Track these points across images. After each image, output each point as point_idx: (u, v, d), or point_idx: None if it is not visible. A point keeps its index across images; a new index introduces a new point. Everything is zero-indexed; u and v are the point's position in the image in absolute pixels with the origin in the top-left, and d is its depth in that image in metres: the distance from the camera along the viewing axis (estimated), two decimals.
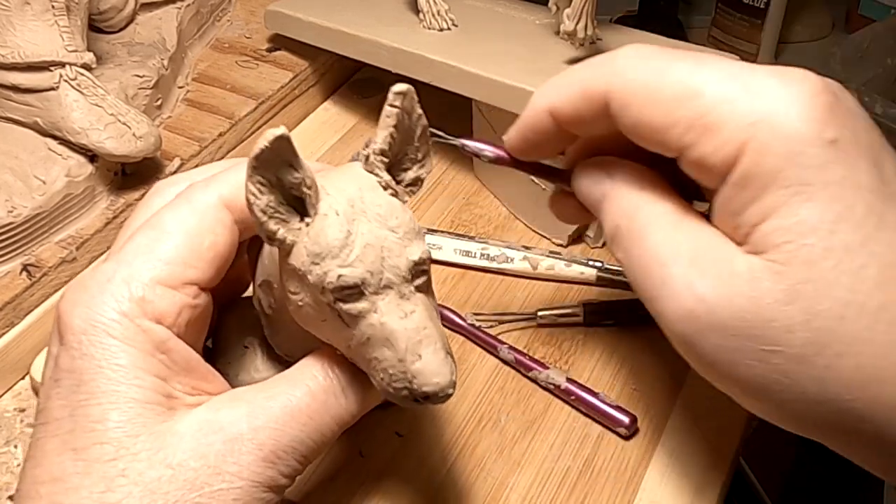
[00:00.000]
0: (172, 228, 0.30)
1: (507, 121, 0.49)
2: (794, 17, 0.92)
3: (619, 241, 0.31)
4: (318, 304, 0.29)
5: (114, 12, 0.55)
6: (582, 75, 0.32)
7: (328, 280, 0.28)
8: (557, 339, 0.45)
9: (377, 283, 0.28)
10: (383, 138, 0.30)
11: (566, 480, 0.39)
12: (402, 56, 0.52)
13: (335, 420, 0.30)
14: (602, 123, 0.31)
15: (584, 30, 0.47)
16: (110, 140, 0.45)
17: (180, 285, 0.30)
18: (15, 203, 0.43)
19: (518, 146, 0.35)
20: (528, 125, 0.34)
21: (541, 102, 0.33)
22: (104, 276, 0.29)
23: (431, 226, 0.51)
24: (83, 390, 0.28)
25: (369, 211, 0.29)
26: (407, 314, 0.28)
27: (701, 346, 0.28)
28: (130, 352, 0.28)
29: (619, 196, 0.32)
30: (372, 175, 0.30)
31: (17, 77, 0.46)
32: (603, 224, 0.33)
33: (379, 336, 0.28)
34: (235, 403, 0.29)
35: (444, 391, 0.28)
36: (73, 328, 0.28)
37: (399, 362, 0.28)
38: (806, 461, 0.83)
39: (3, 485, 0.39)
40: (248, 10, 0.64)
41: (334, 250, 0.28)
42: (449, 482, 0.39)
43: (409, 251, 0.29)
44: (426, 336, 0.28)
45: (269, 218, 0.29)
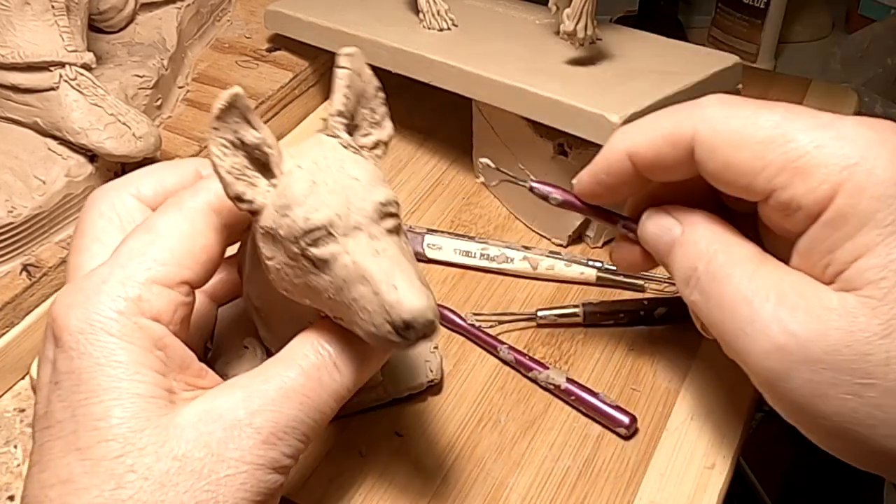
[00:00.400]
0: (166, 232, 0.31)
1: (507, 121, 0.50)
2: (794, 17, 0.92)
3: (696, 282, 0.33)
4: (292, 260, 0.29)
5: (114, 12, 0.55)
6: (666, 121, 0.33)
7: (297, 226, 0.29)
8: (557, 339, 0.45)
9: (346, 225, 0.29)
10: (338, 100, 0.31)
11: (566, 480, 0.39)
12: (402, 56, 0.52)
13: (331, 396, 0.31)
14: (682, 169, 0.33)
15: (584, 30, 0.47)
16: (110, 140, 0.45)
17: (175, 285, 0.30)
18: (15, 203, 0.43)
19: (590, 188, 0.36)
20: (604, 167, 0.35)
21: (620, 145, 0.34)
22: (99, 278, 0.30)
23: (431, 226, 0.51)
24: (83, 389, 0.28)
25: (332, 165, 0.30)
26: (379, 251, 0.29)
27: (790, 381, 0.29)
28: (129, 348, 0.28)
29: (694, 240, 0.33)
30: (333, 137, 0.31)
31: (17, 77, 0.46)
32: (674, 269, 0.34)
33: (354, 276, 0.28)
34: (232, 390, 0.30)
35: (423, 316, 0.28)
36: (70, 329, 0.29)
37: (375, 296, 0.28)
38: (806, 461, 0.83)
39: (3, 485, 0.39)
40: (248, 10, 0.64)
41: (300, 199, 0.29)
42: (449, 482, 0.39)
43: (374, 193, 0.30)
44: (400, 268, 0.28)
45: (235, 179, 0.29)
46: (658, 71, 0.47)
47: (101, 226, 0.33)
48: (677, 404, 0.42)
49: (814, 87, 0.62)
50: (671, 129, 0.33)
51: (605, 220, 0.38)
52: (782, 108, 0.31)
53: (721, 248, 0.32)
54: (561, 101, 0.44)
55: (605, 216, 0.38)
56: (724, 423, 0.41)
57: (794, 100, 0.61)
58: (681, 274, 0.34)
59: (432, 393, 0.42)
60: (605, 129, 0.42)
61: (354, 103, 0.32)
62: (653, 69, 0.47)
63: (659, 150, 0.33)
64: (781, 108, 0.31)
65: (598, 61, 0.49)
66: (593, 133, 0.43)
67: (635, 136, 0.34)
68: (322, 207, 0.29)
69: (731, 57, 0.49)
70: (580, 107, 0.43)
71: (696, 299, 0.33)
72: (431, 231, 0.50)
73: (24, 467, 0.40)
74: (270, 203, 0.30)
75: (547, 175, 0.48)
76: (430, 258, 0.49)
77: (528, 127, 0.48)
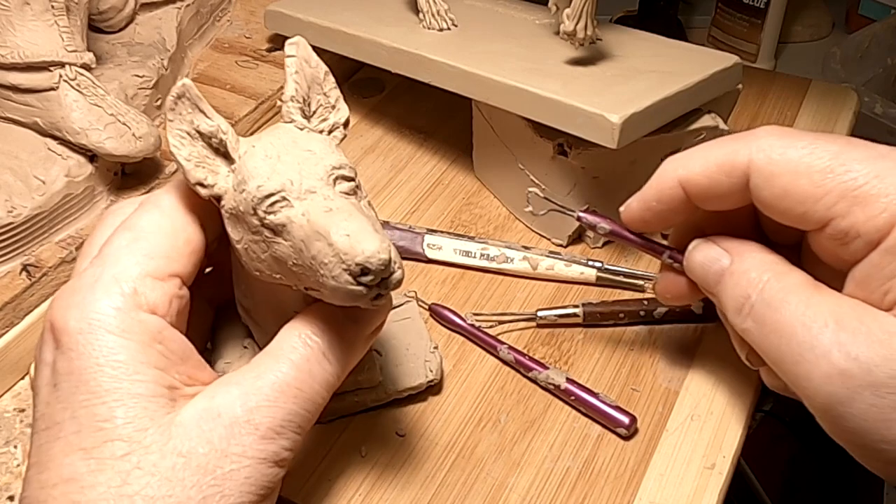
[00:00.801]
0: (148, 228, 0.32)
1: (507, 121, 0.50)
2: (794, 17, 0.92)
3: (750, 310, 0.33)
4: (255, 234, 0.30)
5: (114, 12, 0.55)
6: (720, 150, 0.34)
7: (252, 195, 0.29)
8: (557, 339, 0.45)
9: (299, 189, 0.30)
10: (289, 86, 0.33)
11: (566, 481, 0.39)
12: (402, 56, 0.52)
13: (323, 386, 0.31)
14: (734, 197, 0.34)
15: (584, 30, 0.47)
16: (110, 140, 0.45)
17: (166, 277, 0.31)
18: (15, 203, 0.43)
19: (639, 215, 0.37)
20: (654, 195, 0.36)
21: (672, 173, 0.35)
22: (91, 278, 0.30)
23: (431, 226, 0.51)
24: (84, 390, 0.28)
25: (287, 142, 0.31)
26: (332, 209, 0.29)
27: (852, 406, 0.29)
28: (129, 346, 0.29)
29: (744, 269, 0.34)
30: (289, 123, 0.33)
31: (17, 77, 0.46)
32: (723, 298, 0.35)
33: (310, 233, 0.29)
34: (228, 388, 0.30)
35: (376, 256, 0.28)
36: (69, 330, 0.29)
37: (329, 247, 0.28)
38: (806, 461, 0.83)
39: (3, 485, 0.39)
40: (247, 10, 0.64)
41: (253, 171, 0.30)
42: (449, 482, 0.39)
43: (326, 160, 0.31)
44: (352, 218, 0.29)
45: (194, 166, 0.31)
46: (658, 71, 0.47)
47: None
48: (677, 404, 0.42)
49: (814, 87, 0.62)
50: (726, 157, 0.34)
51: (652, 252, 0.39)
52: (840, 139, 0.32)
53: (774, 276, 0.33)
54: (561, 101, 0.44)
55: (652, 247, 0.39)
56: (724, 423, 0.41)
57: (794, 100, 0.61)
58: (732, 303, 0.34)
59: (432, 393, 0.42)
60: (605, 129, 0.42)
61: (306, 89, 0.33)
62: (653, 69, 0.47)
63: (713, 177, 0.34)
64: (839, 139, 0.32)
65: (598, 61, 0.49)
66: (593, 133, 0.43)
67: (688, 163, 0.35)
68: (274, 176, 0.30)
69: (731, 57, 0.49)
70: (580, 107, 0.43)
71: (749, 327, 0.33)
72: (431, 231, 0.50)
73: (23, 467, 0.40)
74: (230, 187, 0.31)
75: (547, 175, 0.48)
76: (430, 258, 0.49)
77: (528, 127, 0.48)
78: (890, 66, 0.87)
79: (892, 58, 0.86)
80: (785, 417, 0.82)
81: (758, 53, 0.87)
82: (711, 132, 0.48)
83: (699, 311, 0.45)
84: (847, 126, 0.59)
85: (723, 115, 0.49)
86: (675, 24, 0.87)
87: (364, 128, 0.59)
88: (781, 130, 0.33)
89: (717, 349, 0.44)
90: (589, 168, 0.47)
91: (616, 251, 0.50)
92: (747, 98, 0.60)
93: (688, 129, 0.47)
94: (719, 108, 0.49)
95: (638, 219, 0.37)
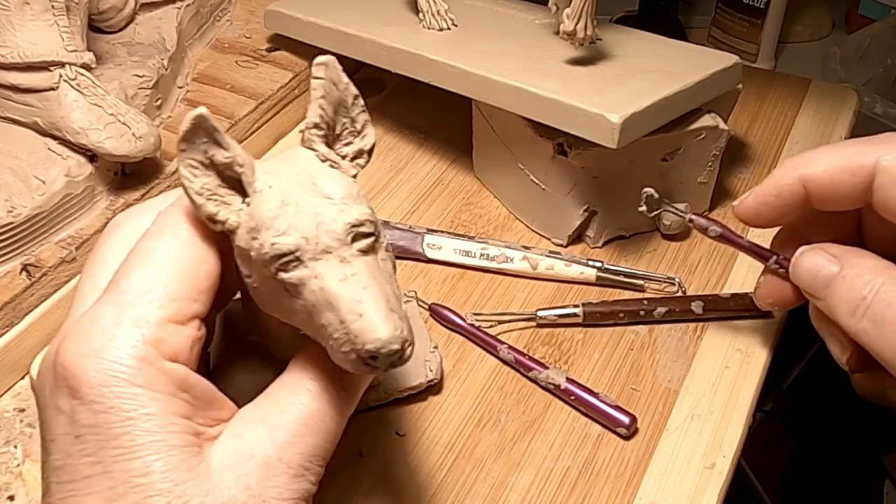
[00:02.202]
0: (167, 262, 0.30)
1: (507, 121, 0.50)
2: (794, 17, 0.92)
3: (866, 311, 0.34)
4: (266, 281, 0.29)
5: (114, 12, 0.55)
6: (846, 150, 0.35)
7: (264, 251, 0.28)
8: (557, 339, 0.45)
9: (314, 249, 0.28)
10: (313, 111, 0.30)
11: (566, 480, 0.39)
12: (402, 56, 0.52)
13: (342, 415, 0.31)
14: (854, 198, 0.35)
15: (584, 30, 0.47)
16: (110, 140, 0.45)
17: (187, 320, 0.30)
18: (15, 203, 0.43)
19: (754, 209, 0.38)
20: (773, 190, 0.37)
21: (793, 171, 0.36)
22: (108, 320, 0.28)
23: (431, 226, 0.51)
24: (115, 444, 0.27)
25: (305, 182, 0.29)
26: (347, 276, 0.28)
27: None
28: (157, 397, 0.28)
29: (857, 273, 0.35)
30: (310, 151, 0.30)
31: (17, 77, 0.45)
32: (835, 302, 0.35)
33: (321, 301, 0.28)
34: (255, 425, 0.29)
35: (387, 347, 0.27)
36: (90, 381, 0.27)
37: (341, 324, 0.27)
38: (806, 461, 0.83)
39: (3, 485, 0.39)
40: (248, 10, 0.64)
41: (268, 221, 0.28)
42: (449, 482, 0.39)
43: (346, 214, 0.29)
44: (366, 295, 0.27)
45: (206, 200, 0.29)
46: (658, 71, 0.47)
47: (120, 252, 0.31)
48: (677, 404, 0.42)
49: (814, 87, 0.62)
50: (852, 156, 0.35)
51: (758, 256, 0.40)
52: None
53: (888, 280, 0.34)
54: (561, 100, 0.44)
55: (759, 252, 0.40)
56: (724, 423, 0.41)
57: (794, 100, 0.61)
58: (847, 304, 0.35)
59: (432, 393, 0.42)
60: (604, 128, 0.42)
61: (332, 113, 0.31)
62: (653, 69, 0.47)
63: (836, 176, 0.35)
64: None
65: (598, 61, 0.49)
66: (593, 133, 0.43)
67: (811, 161, 0.36)
68: (290, 231, 0.28)
69: (731, 57, 0.49)
70: (580, 107, 0.43)
71: (865, 328, 0.34)
72: (431, 231, 0.50)
73: (23, 467, 0.40)
74: (243, 223, 0.29)
75: (547, 175, 0.48)
76: (430, 258, 0.49)
77: (528, 127, 0.48)
78: (890, 66, 0.87)
79: (892, 58, 0.86)
80: (785, 417, 0.82)
81: (758, 53, 0.87)
82: (711, 132, 0.48)
83: (700, 312, 0.45)
84: (847, 126, 0.59)
85: (723, 115, 0.49)
86: (675, 24, 0.87)
87: None
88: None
89: (717, 349, 0.44)
90: (589, 168, 0.47)
91: (616, 251, 0.50)
92: (747, 98, 0.60)
93: (688, 128, 0.47)
94: (719, 108, 0.49)
95: (752, 213, 0.38)
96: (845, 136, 0.58)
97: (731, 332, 0.45)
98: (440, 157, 0.57)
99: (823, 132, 0.58)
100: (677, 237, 0.51)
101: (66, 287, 0.45)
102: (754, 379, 0.43)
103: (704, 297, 0.46)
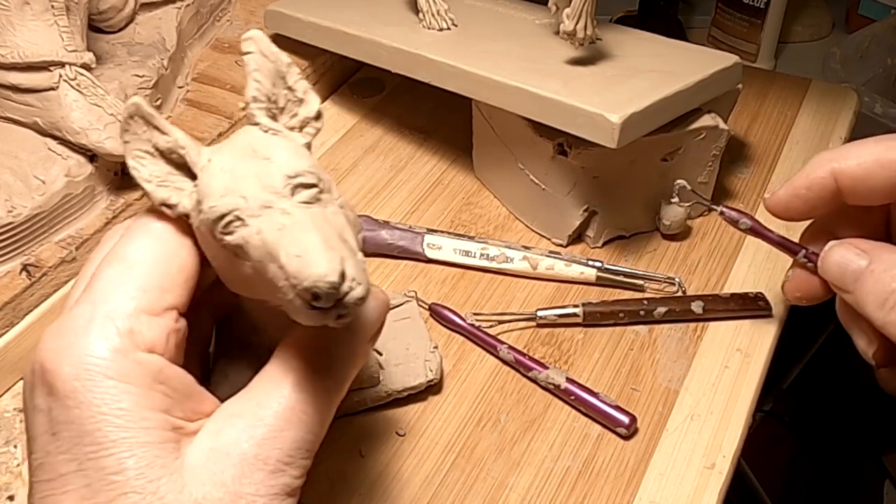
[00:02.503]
0: (139, 258, 0.30)
1: (507, 121, 0.50)
2: (794, 17, 0.92)
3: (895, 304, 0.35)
4: (220, 253, 0.29)
5: (114, 12, 0.55)
6: (878, 144, 0.36)
7: (207, 216, 0.28)
8: (557, 339, 0.45)
9: (254, 206, 0.27)
10: (250, 86, 0.30)
11: (566, 480, 0.39)
12: (402, 56, 0.52)
13: (327, 404, 0.30)
14: (885, 192, 0.36)
15: (584, 30, 0.47)
16: (110, 140, 0.45)
17: (162, 311, 0.29)
18: (15, 203, 0.43)
19: (786, 201, 0.39)
20: (805, 183, 0.38)
21: (825, 164, 0.37)
22: (83, 318, 0.28)
23: (431, 226, 0.51)
24: (89, 441, 0.27)
25: (246, 151, 0.29)
26: (285, 225, 0.27)
27: None
28: (130, 390, 0.27)
29: (885, 267, 0.36)
30: (254, 126, 0.30)
31: (17, 77, 0.46)
32: (864, 295, 0.36)
33: (264, 254, 0.27)
34: (232, 421, 0.29)
35: (323, 280, 0.25)
36: (63, 376, 0.27)
37: (281, 271, 0.26)
38: (806, 461, 0.83)
39: (3, 485, 0.39)
40: (247, 10, 0.64)
41: (208, 189, 0.28)
42: (449, 482, 0.39)
43: (284, 168, 0.28)
44: (305, 237, 0.26)
45: (156, 186, 0.30)
46: (658, 71, 0.47)
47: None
48: (677, 404, 0.42)
49: (814, 87, 0.62)
50: (885, 150, 0.36)
51: (787, 250, 0.41)
52: None
53: None
54: (561, 100, 0.44)
55: (788, 246, 0.40)
56: (723, 423, 0.41)
57: (794, 100, 0.61)
58: (875, 297, 0.35)
59: (432, 393, 0.42)
60: (605, 128, 0.42)
61: (270, 86, 0.31)
62: (653, 69, 0.47)
63: (869, 169, 0.36)
64: None
65: (598, 61, 0.49)
66: (593, 133, 0.43)
67: (844, 155, 0.37)
68: (228, 194, 0.28)
69: (731, 57, 0.49)
70: (580, 107, 0.43)
71: (894, 319, 0.35)
72: (431, 231, 0.50)
73: (23, 467, 0.40)
74: (194, 203, 0.29)
75: (547, 175, 0.48)
76: (430, 258, 0.49)
77: (528, 127, 0.48)
78: (890, 66, 0.87)
79: (892, 58, 0.86)
80: (785, 417, 0.82)
81: (758, 53, 0.87)
82: (711, 132, 0.48)
83: (700, 312, 0.45)
84: (847, 126, 0.59)
85: (723, 115, 0.49)
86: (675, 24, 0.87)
87: (364, 128, 0.59)
88: None
89: (717, 349, 0.44)
90: (589, 168, 0.47)
91: (616, 251, 0.50)
92: (747, 98, 0.60)
93: (688, 128, 0.47)
94: (719, 108, 0.49)
95: (783, 205, 0.39)
96: (845, 136, 0.58)
97: (731, 332, 0.45)
98: (440, 157, 0.57)
99: (823, 132, 0.58)
100: (677, 237, 0.51)
101: (66, 287, 0.45)
102: (754, 379, 0.43)
103: (704, 296, 0.46)
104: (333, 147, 0.58)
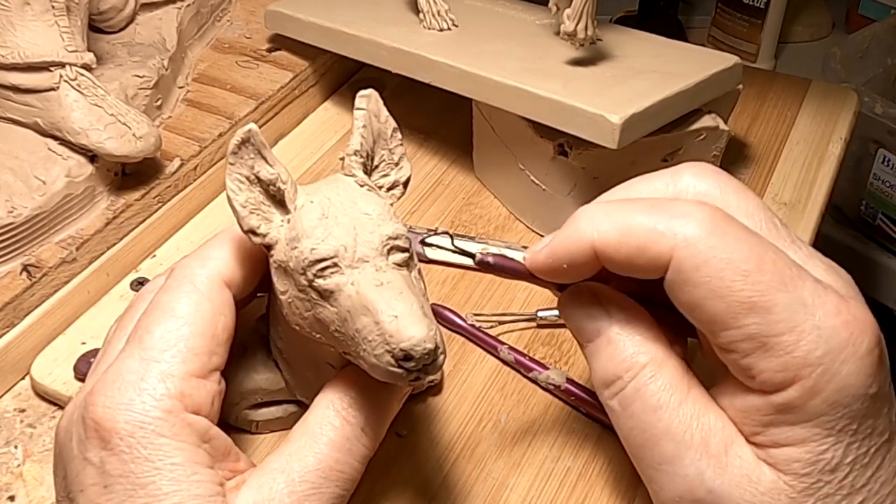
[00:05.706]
0: (189, 317, 0.31)
1: (507, 121, 0.50)
2: (794, 17, 0.92)
3: (619, 391, 0.32)
4: (301, 292, 0.30)
5: (114, 12, 0.55)
6: (641, 226, 0.30)
7: (304, 257, 0.29)
8: (557, 339, 0.45)
9: (352, 257, 0.29)
10: (355, 139, 0.32)
11: (566, 481, 0.39)
12: (402, 56, 0.52)
13: (360, 461, 0.32)
14: (650, 274, 0.31)
15: (585, 30, 0.47)
16: (110, 140, 0.45)
17: (208, 373, 0.31)
18: (15, 203, 0.43)
19: (544, 266, 0.33)
20: (564, 253, 0.32)
21: (586, 235, 0.31)
22: (134, 375, 0.30)
23: (431, 226, 0.51)
24: (143, 493, 0.28)
25: (345, 201, 0.31)
26: (383, 283, 0.29)
27: None
28: (182, 447, 0.29)
29: (620, 343, 0.32)
30: (349, 177, 0.32)
31: (17, 77, 0.45)
32: (595, 365, 0.33)
33: (357, 306, 0.29)
34: (274, 476, 0.30)
35: (421, 345, 0.28)
36: (120, 432, 0.29)
37: (376, 325, 0.28)
38: None
39: (3, 485, 0.39)
40: (248, 10, 0.64)
41: (309, 230, 0.30)
42: (449, 482, 0.39)
43: (383, 227, 0.30)
44: (402, 299, 0.28)
45: (249, 213, 0.31)
46: (658, 71, 0.47)
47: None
48: None
49: (814, 87, 0.62)
50: (646, 239, 0.30)
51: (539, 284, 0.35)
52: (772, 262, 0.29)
53: (651, 364, 0.31)
54: (561, 101, 0.44)
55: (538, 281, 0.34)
56: None
57: (794, 100, 0.61)
58: (602, 375, 0.32)
59: (432, 393, 0.42)
60: (605, 129, 0.42)
61: (371, 143, 0.33)
62: (653, 69, 0.48)
63: (630, 255, 0.30)
64: (771, 262, 0.29)
65: (598, 61, 0.49)
66: (593, 133, 0.43)
67: (605, 229, 0.31)
68: (329, 239, 0.29)
69: (731, 57, 0.49)
70: (580, 107, 0.43)
71: (614, 406, 0.32)
72: (431, 231, 0.50)
73: (24, 467, 0.40)
74: (283, 237, 0.30)
75: (547, 175, 0.48)
76: (430, 258, 0.49)
77: (528, 127, 0.48)
78: (890, 66, 0.87)
79: (892, 58, 0.87)
80: None
81: (758, 53, 0.87)
82: (711, 132, 0.48)
83: None
84: (847, 126, 0.59)
85: (723, 116, 0.49)
86: (675, 24, 0.87)
87: None
88: (710, 218, 0.29)
89: None
90: (589, 168, 0.47)
91: None
92: (747, 98, 0.60)
93: (688, 129, 0.47)
94: (719, 109, 0.49)
95: (542, 269, 0.33)
96: (845, 136, 0.58)
97: None
98: (440, 157, 0.57)
99: (823, 132, 0.58)
100: None
101: (66, 287, 0.45)
102: None
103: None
104: (333, 147, 0.57)
